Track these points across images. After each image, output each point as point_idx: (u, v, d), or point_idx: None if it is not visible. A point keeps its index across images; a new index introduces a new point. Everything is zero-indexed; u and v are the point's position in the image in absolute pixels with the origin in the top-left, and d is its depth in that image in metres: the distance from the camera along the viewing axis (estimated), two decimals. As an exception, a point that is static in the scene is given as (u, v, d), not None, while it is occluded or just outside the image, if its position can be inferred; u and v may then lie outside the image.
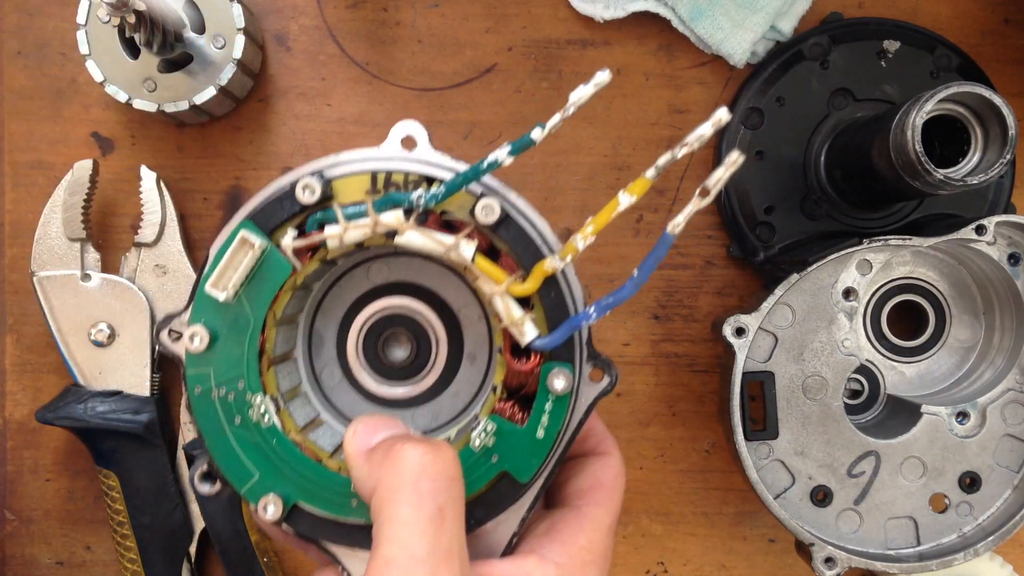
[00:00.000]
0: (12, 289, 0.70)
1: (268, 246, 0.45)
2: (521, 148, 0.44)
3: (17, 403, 0.71)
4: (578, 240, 0.43)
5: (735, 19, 0.68)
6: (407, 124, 0.47)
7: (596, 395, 0.46)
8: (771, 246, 0.69)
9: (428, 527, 0.38)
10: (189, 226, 0.70)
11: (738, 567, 0.72)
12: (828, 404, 0.63)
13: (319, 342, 0.53)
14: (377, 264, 0.54)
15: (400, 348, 0.53)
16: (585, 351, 0.46)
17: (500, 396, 0.46)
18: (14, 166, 0.70)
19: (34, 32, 0.70)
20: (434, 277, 0.54)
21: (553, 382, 0.45)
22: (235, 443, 0.45)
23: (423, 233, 0.44)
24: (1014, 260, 0.63)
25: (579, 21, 0.71)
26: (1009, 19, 0.72)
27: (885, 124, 0.58)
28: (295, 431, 0.47)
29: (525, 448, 0.45)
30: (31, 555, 0.71)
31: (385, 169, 0.46)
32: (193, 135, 0.70)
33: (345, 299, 0.53)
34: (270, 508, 0.45)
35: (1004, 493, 0.65)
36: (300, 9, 0.70)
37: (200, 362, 0.45)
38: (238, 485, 0.45)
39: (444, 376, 0.53)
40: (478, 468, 0.45)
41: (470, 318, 0.53)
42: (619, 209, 0.43)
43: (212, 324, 0.45)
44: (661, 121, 0.71)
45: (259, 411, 0.45)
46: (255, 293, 0.45)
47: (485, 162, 0.44)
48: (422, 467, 0.40)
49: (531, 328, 0.44)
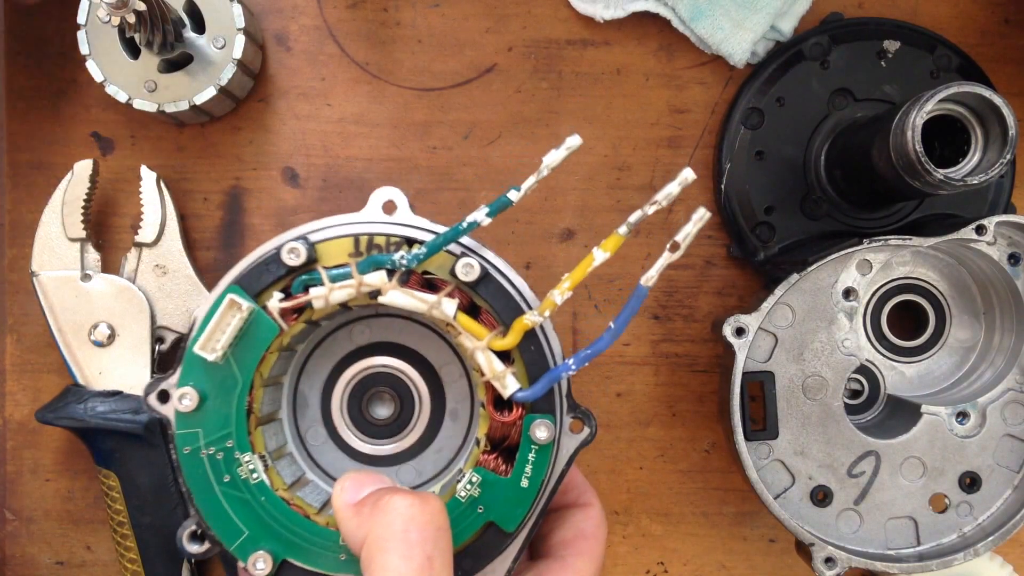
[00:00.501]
0: (12, 289, 0.70)
1: (255, 309, 0.46)
2: (499, 209, 0.45)
3: (17, 403, 0.71)
4: (555, 296, 0.45)
5: (735, 19, 0.68)
6: (387, 190, 0.49)
7: (577, 445, 0.48)
8: (771, 246, 0.69)
9: (417, 574, 0.39)
10: (189, 226, 0.70)
11: (738, 567, 0.72)
12: (828, 404, 0.63)
13: (303, 403, 0.55)
14: (359, 325, 0.55)
15: (383, 406, 0.55)
16: (565, 403, 0.47)
17: (484, 449, 0.48)
18: (14, 166, 0.70)
19: (34, 32, 0.70)
20: (415, 337, 0.55)
21: (535, 432, 0.46)
22: (224, 501, 0.47)
23: (406, 293, 0.46)
24: (1014, 260, 0.63)
25: (579, 21, 0.71)
26: (1009, 19, 0.72)
27: (885, 124, 0.58)
28: (283, 488, 0.48)
29: (510, 498, 0.47)
30: (31, 555, 0.71)
31: (367, 232, 0.48)
32: (193, 135, 0.70)
33: (328, 360, 0.55)
34: (259, 564, 0.46)
35: (1004, 493, 0.65)
36: (300, 9, 0.70)
37: (190, 422, 0.47)
38: (227, 543, 0.47)
39: (427, 432, 0.55)
40: (465, 519, 0.47)
41: (451, 375, 0.55)
42: (594, 265, 0.45)
43: (201, 385, 0.47)
44: (661, 121, 0.71)
45: (248, 469, 0.46)
46: (243, 354, 0.46)
47: (464, 223, 0.45)
48: (410, 517, 0.40)
49: (513, 381, 0.46)
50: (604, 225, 0.71)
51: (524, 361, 0.47)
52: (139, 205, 0.67)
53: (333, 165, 0.70)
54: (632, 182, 0.71)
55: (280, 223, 0.70)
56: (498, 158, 0.71)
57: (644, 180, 0.71)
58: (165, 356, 0.68)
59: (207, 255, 0.70)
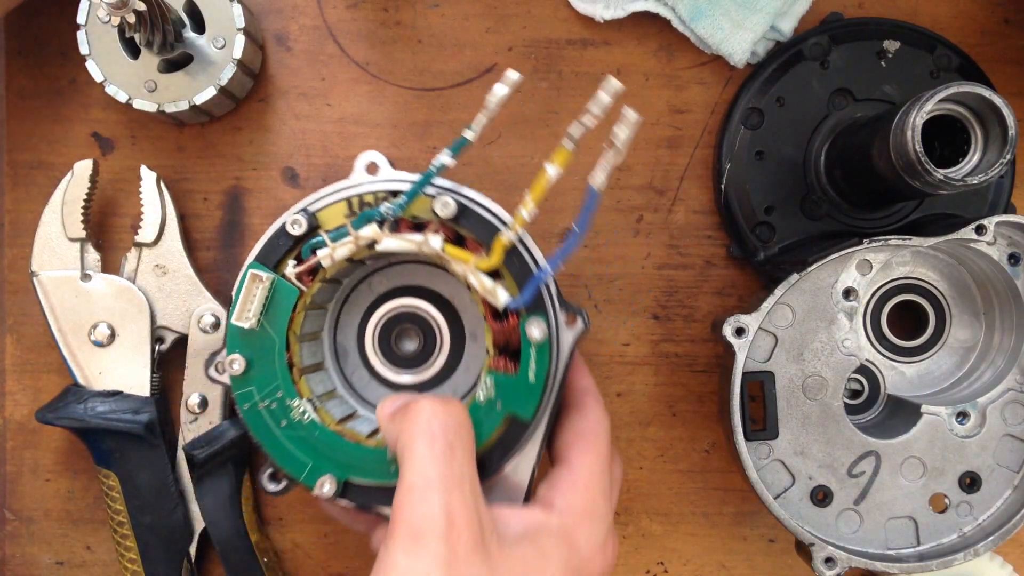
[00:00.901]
0: (12, 289, 0.70)
1: (275, 277, 0.54)
2: (459, 148, 0.52)
3: (17, 403, 0.71)
4: (523, 212, 0.51)
5: (735, 19, 0.68)
6: (369, 154, 0.56)
7: (574, 337, 0.54)
8: (771, 246, 0.69)
9: (440, 458, 0.46)
10: (189, 226, 0.70)
11: (738, 567, 0.72)
12: (828, 404, 0.64)
13: (343, 352, 0.63)
14: (377, 277, 0.63)
15: (410, 341, 0.62)
16: (556, 303, 0.53)
17: (493, 356, 0.54)
18: (14, 166, 0.70)
19: (34, 32, 0.70)
20: (426, 277, 0.63)
21: (530, 331, 0.52)
22: (286, 442, 0.54)
23: (397, 238, 0.52)
24: (1014, 260, 0.63)
25: (579, 21, 0.71)
26: (1009, 19, 0.72)
27: (885, 124, 0.58)
28: (333, 423, 0.55)
29: (522, 392, 0.53)
30: (31, 555, 0.71)
31: (357, 194, 0.55)
32: (193, 135, 0.70)
33: (356, 312, 0.62)
34: (326, 487, 0.53)
35: (1004, 493, 0.65)
36: (300, 9, 0.70)
37: (243, 384, 0.54)
38: (296, 475, 0.54)
39: (452, 356, 0.62)
40: (488, 417, 0.53)
41: (463, 303, 0.62)
42: (549, 179, 0.50)
43: (245, 351, 0.54)
44: (661, 121, 0.71)
45: (299, 412, 0.54)
46: (273, 318, 0.54)
47: (433, 167, 0.52)
48: (433, 413, 0.47)
49: (503, 293, 0.52)
50: (604, 225, 0.71)
51: (511, 274, 0.53)
52: (139, 205, 0.67)
53: (333, 165, 0.70)
54: (632, 182, 0.71)
55: (280, 223, 0.70)
56: (498, 158, 0.71)
57: (644, 180, 0.71)
58: (165, 356, 0.68)
59: (207, 255, 0.70)
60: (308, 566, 0.71)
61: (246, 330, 0.54)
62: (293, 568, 0.71)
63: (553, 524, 0.50)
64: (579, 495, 0.51)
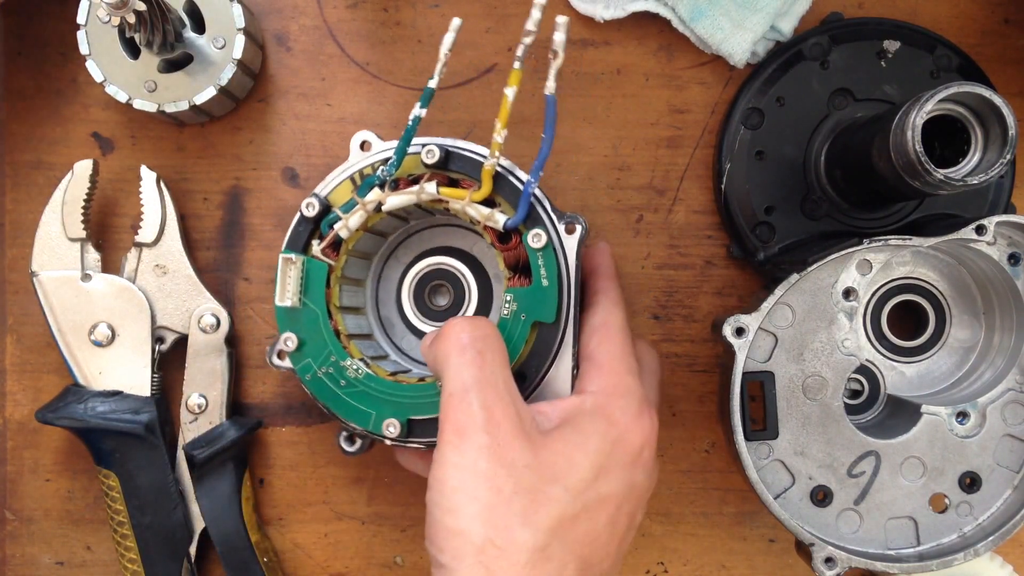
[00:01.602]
0: (12, 289, 0.70)
1: (304, 258, 0.59)
2: (427, 99, 0.56)
3: (17, 403, 0.71)
4: (496, 137, 0.56)
5: (735, 19, 0.68)
6: (361, 134, 0.61)
7: (576, 242, 0.58)
8: (771, 246, 0.69)
9: (472, 364, 0.50)
10: (189, 226, 0.70)
11: (738, 567, 0.72)
12: (828, 404, 0.64)
13: (389, 324, 0.68)
14: (399, 250, 0.68)
15: (442, 296, 0.68)
16: (554, 216, 0.58)
17: (507, 276, 0.59)
18: (14, 166, 0.70)
19: (34, 32, 0.70)
20: (448, 237, 0.68)
21: (531, 242, 0.57)
22: (349, 399, 0.59)
23: (398, 193, 0.58)
24: (1014, 260, 0.63)
25: (579, 21, 0.71)
26: (1009, 19, 0.72)
27: (885, 124, 0.58)
28: (386, 375, 0.60)
29: (540, 298, 0.58)
30: (31, 555, 0.71)
31: (356, 170, 0.60)
32: (193, 135, 0.70)
33: (391, 284, 0.68)
34: (391, 429, 0.58)
35: (1004, 493, 0.65)
36: (300, 9, 0.70)
37: (300, 358, 0.60)
38: (364, 425, 0.59)
39: (482, 301, 0.67)
40: (516, 330, 0.58)
41: (482, 251, 0.67)
42: (509, 101, 0.55)
43: (295, 328, 0.59)
44: (661, 121, 0.71)
45: (353, 369, 0.59)
46: (312, 294, 0.60)
47: (409, 122, 0.56)
48: (461, 328, 0.51)
49: (500, 216, 0.57)
50: (604, 225, 0.71)
51: (505, 199, 0.58)
52: (139, 205, 0.67)
53: (333, 165, 0.70)
54: (632, 182, 0.71)
55: (280, 223, 0.70)
56: (498, 158, 0.70)
57: (644, 180, 0.71)
58: (165, 356, 0.68)
59: (207, 255, 0.70)
60: (308, 566, 0.71)
61: (291, 309, 0.59)
62: (293, 568, 0.71)
63: (588, 405, 0.53)
64: (605, 377, 0.55)
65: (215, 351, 0.68)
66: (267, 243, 0.71)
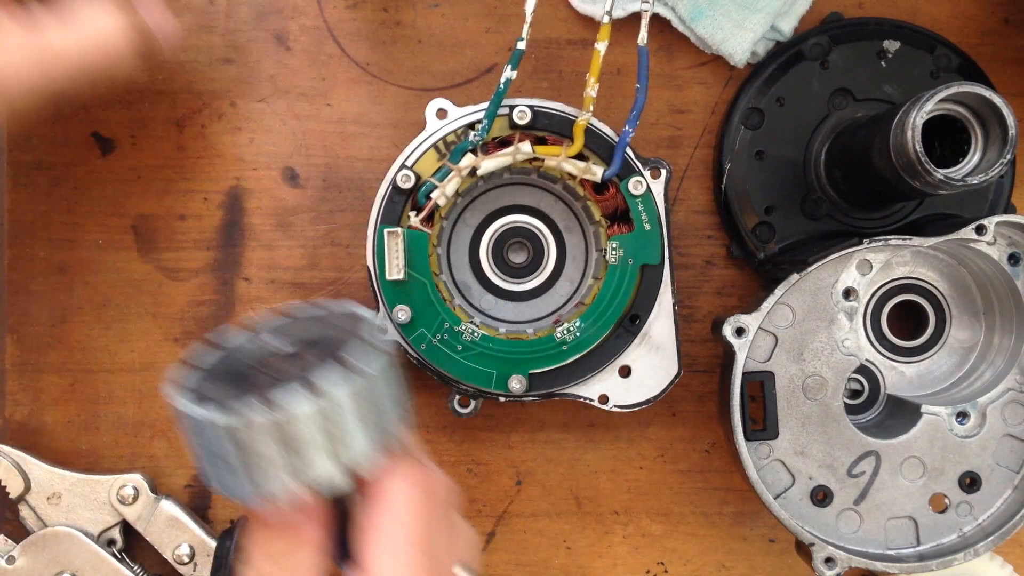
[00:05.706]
0: (12, 289, 0.70)
1: (404, 229, 0.60)
2: (516, 60, 0.58)
3: (17, 403, 0.71)
4: (589, 91, 0.58)
5: (735, 19, 0.68)
6: (436, 101, 0.62)
7: (663, 185, 0.62)
8: (771, 246, 0.69)
9: None
10: (189, 226, 0.70)
11: (738, 567, 0.72)
12: (828, 404, 0.64)
13: (464, 286, 0.67)
14: (466, 213, 0.68)
15: (518, 253, 0.68)
16: (639, 163, 0.62)
17: (606, 226, 0.62)
18: (14, 166, 0.70)
19: (34, 32, 0.70)
20: (514, 196, 0.68)
21: (632, 189, 0.61)
22: (468, 362, 0.61)
23: (492, 157, 0.60)
24: (1014, 260, 0.63)
25: (579, 21, 0.71)
26: (1009, 19, 0.72)
27: (885, 124, 0.58)
28: (498, 333, 0.62)
29: (643, 242, 0.61)
30: (31, 555, 0.71)
31: (439, 138, 0.62)
32: (193, 135, 0.70)
33: (462, 247, 0.68)
34: (515, 385, 0.61)
35: (1004, 493, 0.65)
36: (300, 9, 0.70)
37: (413, 328, 0.61)
38: (485, 385, 0.61)
39: (558, 256, 0.67)
40: (624, 275, 0.61)
41: (550, 205, 0.67)
42: (601, 55, 0.57)
43: (404, 300, 0.61)
44: (661, 121, 0.71)
45: (468, 332, 0.61)
46: (415, 264, 0.61)
47: (500, 86, 0.58)
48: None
49: (597, 168, 0.60)
50: (604, 225, 0.71)
51: (596, 152, 0.61)
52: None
53: (333, 165, 0.70)
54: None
55: (280, 223, 0.70)
56: (498, 158, 0.71)
57: (644, 180, 0.71)
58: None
59: (207, 255, 0.70)
60: None
61: (398, 283, 0.60)
62: None
63: None
64: None
65: None
66: (267, 243, 0.70)
